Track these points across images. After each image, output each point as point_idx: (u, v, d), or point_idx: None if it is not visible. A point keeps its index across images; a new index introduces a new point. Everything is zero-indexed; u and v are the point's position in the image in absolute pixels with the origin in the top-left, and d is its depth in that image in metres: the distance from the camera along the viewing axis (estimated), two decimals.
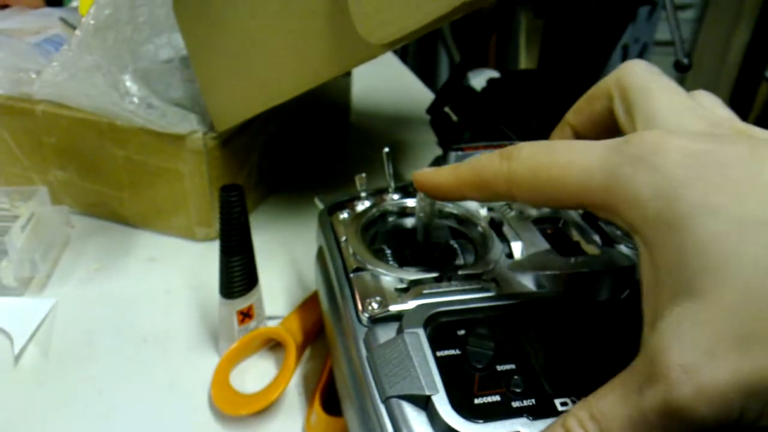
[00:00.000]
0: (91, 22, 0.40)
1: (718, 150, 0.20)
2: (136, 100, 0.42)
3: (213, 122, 0.46)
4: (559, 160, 0.23)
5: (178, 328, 0.42)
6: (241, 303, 0.38)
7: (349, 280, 0.32)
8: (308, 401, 0.36)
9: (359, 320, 0.30)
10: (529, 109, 0.56)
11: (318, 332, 0.41)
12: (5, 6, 1.14)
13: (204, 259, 0.49)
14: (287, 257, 0.49)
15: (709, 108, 0.25)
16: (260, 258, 0.38)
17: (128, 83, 0.42)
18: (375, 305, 0.29)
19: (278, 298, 0.44)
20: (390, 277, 0.31)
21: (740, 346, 0.18)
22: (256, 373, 0.38)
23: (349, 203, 0.40)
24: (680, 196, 0.19)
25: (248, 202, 0.45)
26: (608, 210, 0.22)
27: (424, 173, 0.29)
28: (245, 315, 0.38)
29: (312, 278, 0.46)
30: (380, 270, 0.32)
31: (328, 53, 0.41)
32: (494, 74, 0.61)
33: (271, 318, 0.41)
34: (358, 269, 0.32)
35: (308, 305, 0.41)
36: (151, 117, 0.43)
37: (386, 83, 0.88)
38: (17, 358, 0.39)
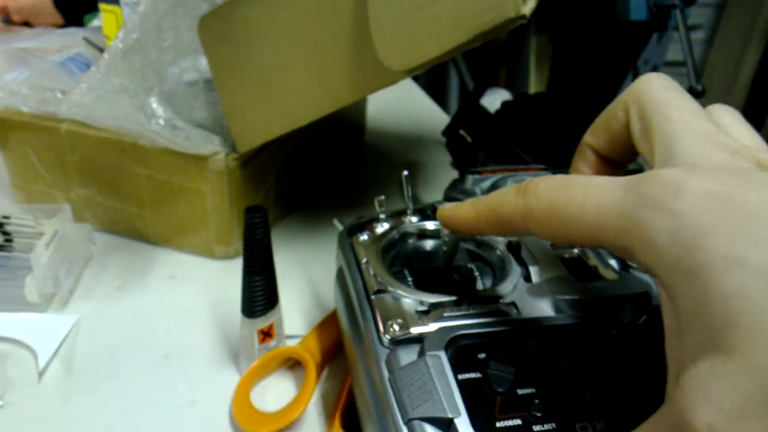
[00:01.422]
0: (119, 45, 0.42)
1: (741, 194, 0.19)
2: (161, 121, 0.43)
3: (235, 143, 0.47)
4: (576, 198, 0.22)
5: (199, 345, 0.43)
6: (263, 322, 0.38)
7: (370, 301, 0.33)
8: (328, 420, 0.36)
9: (381, 342, 0.30)
10: (543, 131, 0.57)
11: (336, 351, 0.41)
12: (25, 23, 1.16)
13: (223, 277, 0.49)
14: (304, 276, 0.50)
15: (728, 127, 0.24)
16: (278, 277, 0.39)
17: (154, 105, 0.43)
18: (396, 327, 0.30)
19: (296, 317, 0.45)
20: (410, 300, 0.32)
21: None
22: (275, 392, 0.39)
23: (368, 225, 0.40)
24: (701, 244, 0.18)
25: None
26: (625, 252, 0.21)
27: (446, 209, 0.29)
28: (266, 334, 0.39)
29: (329, 297, 0.47)
30: (401, 292, 0.32)
31: (349, 78, 0.42)
32: (504, 94, 0.62)
33: (290, 337, 0.42)
34: (379, 291, 0.33)
35: (327, 325, 0.42)
36: (176, 138, 0.44)
37: (400, 103, 0.89)
38: (41, 374, 0.40)
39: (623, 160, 0.29)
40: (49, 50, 0.67)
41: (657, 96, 0.25)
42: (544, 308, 0.31)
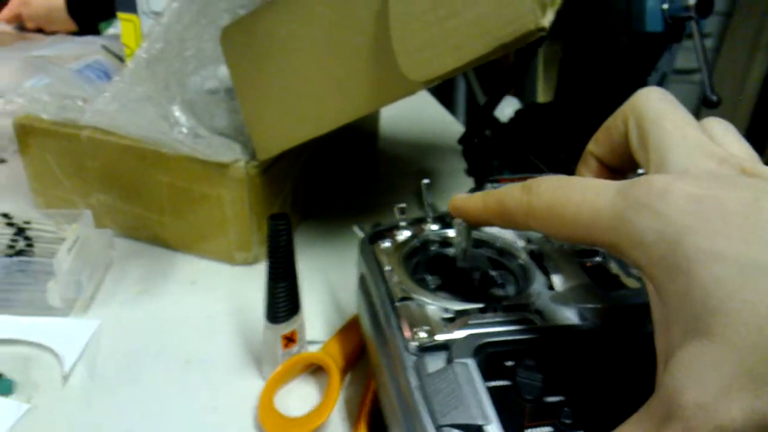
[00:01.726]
0: (143, 55, 0.42)
1: (722, 196, 0.21)
2: (184, 130, 0.44)
3: (255, 151, 0.47)
4: (574, 198, 0.24)
5: (220, 351, 0.43)
6: (286, 328, 0.39)
7: (395, 308, 0.33)
8: (352, 425, 0.37)
9: (407, 349, 0.31)
10: (557, 140, 0.57)
11: (358, 357, 0.42)
12: (40, 30, 1.17)
13: (243, 283, 0.50)
14: (322, 282, 0.50)
15: (720, 138, 0.26)
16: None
17: (177, 113, 0.44)
18: (423, 334, 0.30)
19: (315, 322, 0.45)
20: (435, 307, 0.32)
21: (753, 386, 0.18)
22: (297, 397, 0.39)
23: (388, 232, 0.41)
24: (684, 240, 0.20)
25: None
26: (615, 249, 0.23)
27: (458, 199, 0.32)
28: (289, 339, 0.39)
29: (348, 303, 0.48)
30: (426, 300, 0.33)
31: (369, 88, 0.43)
32: (513, 101, 0.63)
33: (310, 342, 0.42)
34: (404, 298, 0.33)
35: (347, 331, 0.42)
36: (198, 146, 0.45)
37: (412, 111, 0.90)
38: (66, 378, 0.40)
39: (624, 167, 0.31)
40: (66, 58, 0.68)
41: (653, 108, 0.27)
42: (568, 316, 0.32)
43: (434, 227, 0.40)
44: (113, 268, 0.51)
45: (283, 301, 0.38)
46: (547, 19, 0.36)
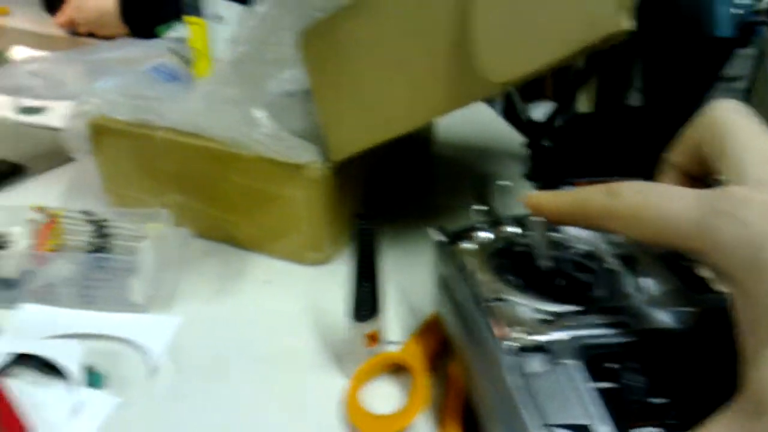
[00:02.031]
0: (229, 58, 0.43)
1: None
2: (265, 131, 0.45)
3: (330, 152, 0.48)
4: (656, 203, 0.26)
5: (300, 348, 0.44)
6: (369, 326, 0.39)
7: (487, 309, 0.33)
8: (438, 424, 0.37)
9: (503, 349, 0.31)
10: (624, 145, 0.57)
11: (438, 358, 0.42)
12: (91, 35, 1.20)
13: (315, 282, 0.51)
14: (395, 283, 0.50)
15: None
16: None
17: (257, 115, 0.45)
18: (521, 335, 0.31)
19: (390, 323, 0.46)
20: (527, 308, 0.33)
21: None
22: (378, 396, 0.40)
23: (466, 234, 0.41)
24: (767, 246, 0.22)
25: (350, 230, 0.48)
26: (698, 254, 0.25)
27: (536, 196, 0.33)
28: (372, 338, 0.40)
29: (420, 304, 0.48)
30: (518, 300, 0.33)
31: (445, 91, 0.43)
32: (550, 105, 0.63)
33: (389, 343, 0.43)
34: (495, 299, 0.34)
35: (426, 332, 0.43)
36: (278, 147, 0.46)
37: (465, 115, 0.90)
38: (153, 373, 0.42)
39: (702, 175, 0.32)
40: (130, 60, 0.69)
41: (729, 121, 0.28)
42: (663, 319, 0.32)
43: (514, 229, 0.41)
44: (188, 267, 0.52)
45: (368, 300, 0.39)
46: (630, 22, 0.36)
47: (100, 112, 0.57)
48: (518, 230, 0.40)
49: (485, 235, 0.41)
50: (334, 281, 0.49)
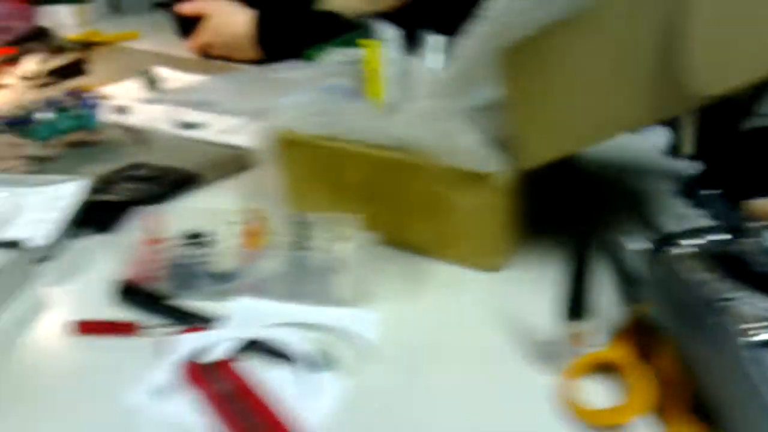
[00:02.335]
0: (443, 76, 0.47)
1: None
2: (467, 142, 0.49)
3: (520, 160, 0.51)
4: None
5: (495, 348, 0.47)
6: (580, 326, 0.42)
7: (721, 309, 0.35)
8: (663, 420, 0.39)
9: (745, 344, 0.33)
10: None
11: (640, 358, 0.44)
12: (219, 57, 1.27)
13: (497, 287, 0.54)
14: None
15: None
16: None
17: (460, 128, 0.49)
18: (761, 330, 0.33)
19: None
20: (758, 307, 0.35)
21: None
22: (586, 393, 0.42)
23: (671, 241, 0.43)
24: None
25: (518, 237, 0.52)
26: None
27: (761, 202, 0.36)
28: (578, 338, 0.42)
29: (604, 307, 0.49)
30: (750, 300, 0.35)
31: (647, 103, 0.45)
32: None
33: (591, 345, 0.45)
34: (725, 299, 0.36)
35: (628, 333, 0.45)
36: (471, 158, 0.49)
37: None
38: (365, 360, 0.45)
39: None
40: (301, 81, 0.75)
41: None
42: None
43: (720, 236, 0.42)
44: (375, 269, 0.56)
45: (581, 301, 0.41)
46: None
47: (288, 126, 0.62)
48: (727, 237, 0.42)
49: (689, 242, 0.43)
50: (513, 287, 0.53)
